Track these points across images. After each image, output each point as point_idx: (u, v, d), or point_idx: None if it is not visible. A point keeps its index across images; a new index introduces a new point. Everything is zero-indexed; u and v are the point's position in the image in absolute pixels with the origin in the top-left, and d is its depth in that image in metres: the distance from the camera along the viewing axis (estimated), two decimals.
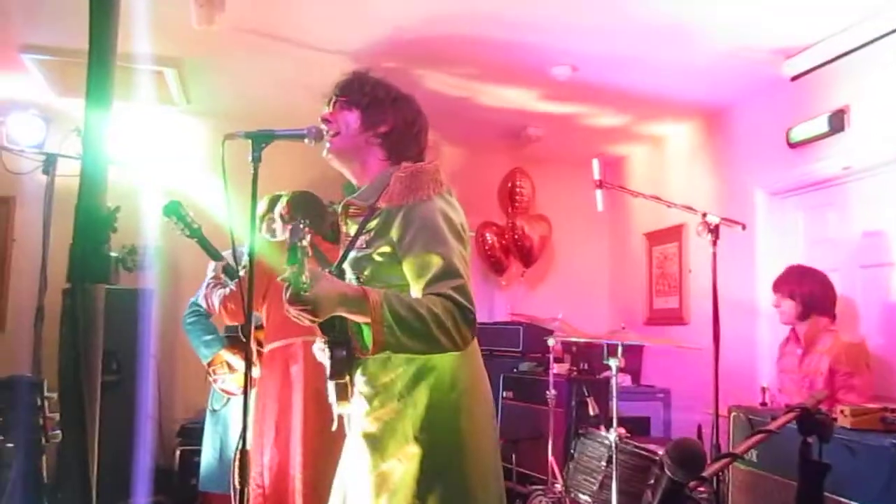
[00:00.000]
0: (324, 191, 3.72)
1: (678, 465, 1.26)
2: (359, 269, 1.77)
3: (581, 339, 3.78)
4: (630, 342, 3.28)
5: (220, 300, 3.05)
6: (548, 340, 4.26)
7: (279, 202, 3.31)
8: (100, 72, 1.08)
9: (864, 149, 3.77)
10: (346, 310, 1.59)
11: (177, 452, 4.85)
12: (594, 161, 3.54)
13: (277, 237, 3.20)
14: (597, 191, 3.53)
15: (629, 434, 3.41)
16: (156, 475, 4.53)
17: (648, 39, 3.91)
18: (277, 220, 3.23)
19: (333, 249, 2.69)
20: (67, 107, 4.76)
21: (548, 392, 4.36)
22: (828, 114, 3.92)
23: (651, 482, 3.17)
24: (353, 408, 1.80)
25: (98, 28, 1.08)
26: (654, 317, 5.87)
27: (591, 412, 4.03)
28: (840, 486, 2.33)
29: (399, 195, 1.71)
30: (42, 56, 4.20)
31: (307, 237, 1.52)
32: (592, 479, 3.40)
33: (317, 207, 3.26)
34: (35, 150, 4.02)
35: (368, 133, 1.85)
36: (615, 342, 3.32)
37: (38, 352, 3.51)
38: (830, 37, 3.78)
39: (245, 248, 2.64)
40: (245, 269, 2.46)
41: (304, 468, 2.84)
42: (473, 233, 5.51)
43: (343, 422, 1.85)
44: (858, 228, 3.94)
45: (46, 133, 4.08)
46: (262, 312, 3.11)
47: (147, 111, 4.83)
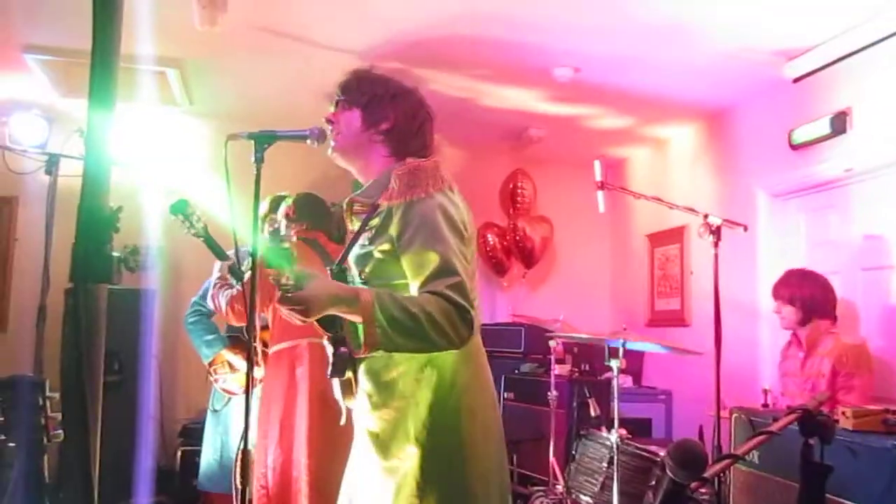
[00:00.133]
0: (326, 191, 3.73)
1: (679, 466, 1.26)
2: (361, 267, 1.77)
3: (584, 336, 3.76)
4: (632, 346, 3.27)
5: (228, 301, 3.05)
6: (549, 341, 4.27)
7: (282, 203, 3.32)
8: (103, 72, 1.08)
9: (866, 151, 3.77)
10: (339, 309, 1.59)
11: (178, 453, 4.86)
12: (596, 162, 3.53)
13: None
14: (598, 192, 3.52)
15: (630, 435, 3.41)
16: (157, 475, 4.54)
17: (650, 41, 3.91)
18: (282, 221, 3.25)
19: (340, 249, 2.71)
20: (70, 107, 4.77)
21: (549, 393, 4.36)
22: (830, 116, 3.91)
23: (652, 483, 3.17)
24: (358, 405, 1.80)
25: (101, 28, 1.08)
26: (656, 318, 5.87)
27: (593, 413, 4.03)
28: (842, 488, 2.32)
29: (398, 192, 1.71)
30: (45, 56, 4.21)
31: (290, 238, 1.52)
32: (594, 481, 3.40)
33: (321, 208, 3.29)
34: (38, 151, 4.03)
35: (370, 131, 1.85)
36: (616, 343, 3.32)
37: (40, 351, 3.51)
38: (832, 38, 3.77)
39: (248, 249, 2.65)
40: (249, 270, 2.46)
41: (309, 469, 2.84)
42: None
43: (352, 416, 1.85)
44: (860, 231, 3.94)
45: (49, 133, 4.09)
46: (269, 313, 3.12)
47: (150, 112, 4.84)
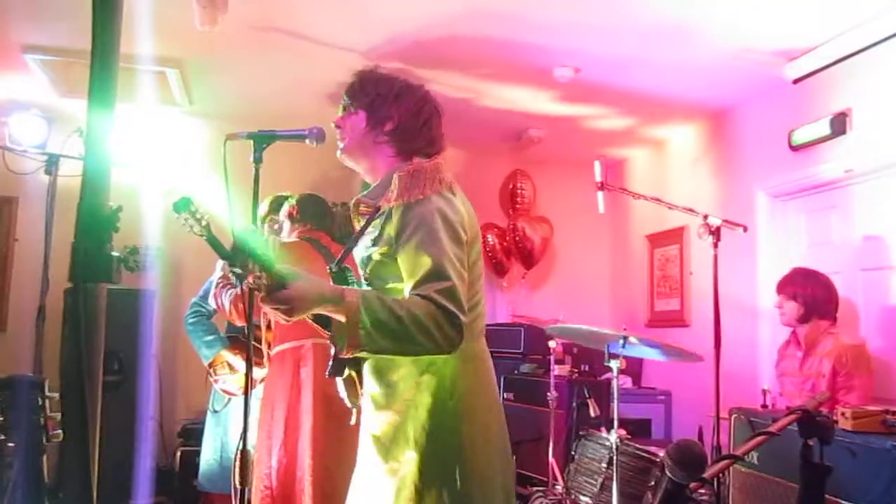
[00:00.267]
0: (326, 191, 3.74)
1: (679, 467, 1.26)
2: (364, 268, 1.78)
3: (587, 328, 3.74)
4: (631, 348, 3.26)
5: (231, 300, 3.04)
6: (549, 342, 4.27)
7: (283, 204, 3.33)
8: (102, 72, 1.08)
9: (866, 152, 3.77)
10: (325, 309, 1.59)
11: (178, 453, 4.85)
12: (596, 163, 3.54)
13: (284, 237, 3.22)
14: (598, 193, 3.52)
15: (630, 436, 3.41)
16: (157, 476, 4.54)
17: (650, 41, 3.91)
18: (285, 221, 3.26)
19: (342, 249, 2.72)
20: (70, 107, 4.76)
21: (549, 394, 4.36)
22: (829, 116, 3.91)
23: (652, 484, 3.17)
24: (363, 407, 1.80)
25: (101, 29, 1.08)
26: (656, 319, 5.87)
27: (592, 414, 4.03)
28: (841, 489, 2.33)
29: (398, 194, 1.71)
30: (45, 56, 4.21)
31: (268, 236, 1.51)
32: (593, 481, 3.40)
33: (324, 209, 3.31)
34: (37, 151, 4.03)
35: (375, 132, 1.84)
36: (616, 349, 3.31)
37: (40, 351, 3.51)
38: (832, 39, 3.77)
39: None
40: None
41: (313, 470, 2.84)
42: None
43: (359, 416, 1.85)
44: (860, 231, 3.94)
45: (49, 133, 4.09)
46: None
47: (149, 112, 4.84)
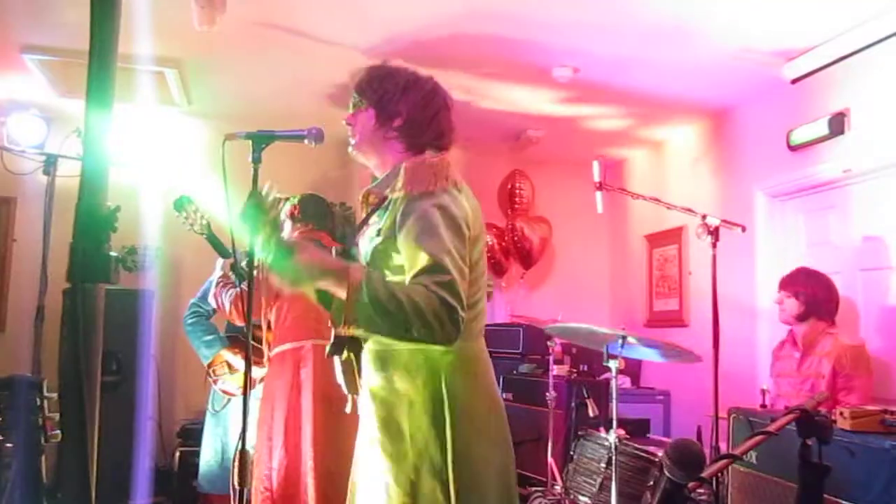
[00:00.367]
0: (325, 191, 3.73)
1: (677, 466, 1.26)
2: (366, 256, 1.79)
3: (582, 325, 3.74)
4: (629, 349, 3.26)
5: (231, 300, 3.04)
6: (548, 342, 4.27)
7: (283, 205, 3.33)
8: (100, 72, 1.08)
9: (864, 152, 3.77)
10: (328, 282, 1.58)
11: (176, 453, 4.85)
12: (594, 163, 3.54)
13: (286, 237, 3.22)
14: (597, 193, 3.53)
15: (629, 436, 3.41)
16: (155, 476, 4.53)
17: (648, 41, 3.91)
18: (286, 221, 3.25)
19: None
20: (69, 107, 4.76)
21: (547, 394, 4.36)
22: (828, 116, 3.92)
23: (651, 484, 3.17)
24: (361, 399, 1.81)
25: (99, 28, 1.08)
26: (654, 319, 5.87)
27: (591, 414, 4.03)
28: (840, 489, 2.33)
29: (403, 186, 1.73)
30: (43, 56, 4.21)
31: (276, 203, 1.49)
32: (592, 481, 3.40)
33: (325, 209, 3.33)
34: (36, 151, 4.03)
35: (384, 129, 1.86)
36: (615, 349, 3.31)
37: (38, 352, 3.51)
38: (831, 39, 3.78)
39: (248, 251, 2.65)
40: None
41: (316, 472, 2.84)
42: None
43: (355, 406, 1.85)
44: (858, 231, 3.94)
45: (47, 133, 4.09)
46: (273, 313, 3.11)
47: (148, 112, 4.83)
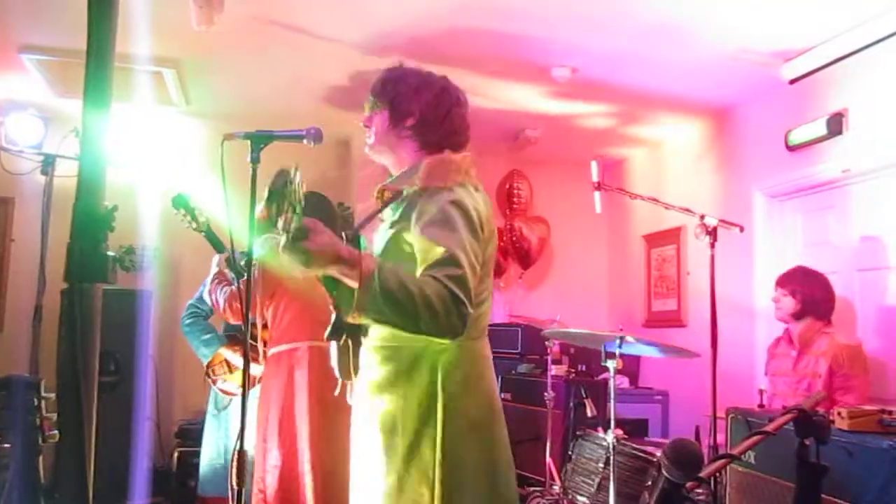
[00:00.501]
0: (324, 191, 3.72)
1: (675, 466, 1.26)
2: (382, 251, 1.81)
3: (582, 331, 3.74)
4: (628, 347, 3.26)
5: (226, 298, 3.02)
6: (546, 342, 4.27)
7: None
8: (98, 72, 1.08)
9: (863, 152, 3.78)
10: (340, 269, 1.57)
11: (175, 454, 4.85)
12: (593, 163, 3.53)
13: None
14: (595, 193, 3.53)
15: (627, 436, 3.41)
16: (153, 476, 4.53)
17: (647, 40, 3.91)
18: None
19: None
20: (67, 107, 4.75)
21: (546, 394, 4.36)
22: (826, 117, 3.92)
23: (649, 484, 3.17)
24: (358, 390, 1.82)
25: (96, 28, 1.08)
26: (653, 319, 5.87)
27: (589, 414, 4.03)
28: (838, 488, 2.33)
29: (422, 180, 1.76)
30: (41, 56, 4.20)
31: (299, 183, 1.46)
32: (590, 481, 3.40)
33: (327, 207, 3.32)
34: (34, 151, 4.02)
35: (398, 129, 1.89)
36: (613, 347, 3.31)
37: (36, 352, 3.51)
38: (829, 40, 3.78)
39: (246, 251, 2.64)
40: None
41: (314, 474, 2.84)
42: None
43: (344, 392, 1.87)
44: (857, 232, 3.95)
45: (45, 133, 4.08)
46: (269, 313, 3.11)
47: (146, 112, 4.83)
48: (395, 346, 1.75)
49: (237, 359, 3.57)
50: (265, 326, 3.16)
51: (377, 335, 1.78)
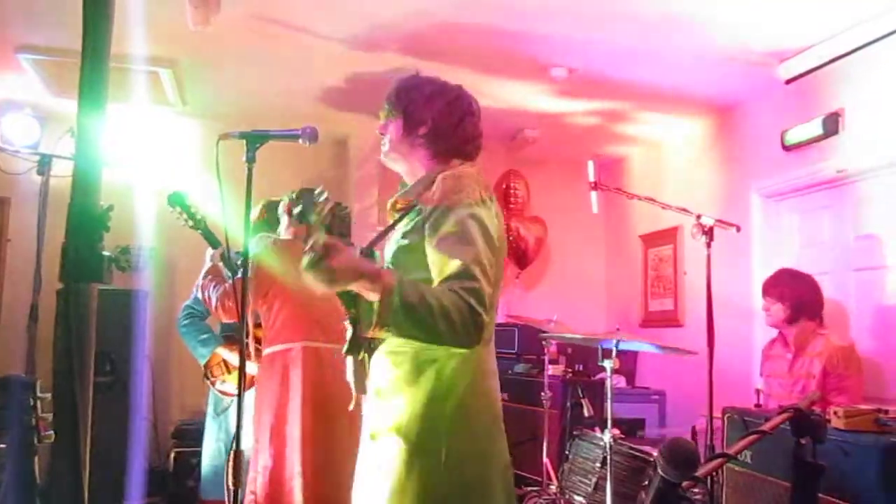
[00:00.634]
0: None
1: (671, 465, 1.26)
2: (392, 259, 1.82)
3: (577, 336, 3.75)
4: (625, 345, 3.27)
5: (218, 297, 3.01)
6: (543, 342, 4.27)
7: (277, 208, 3.30)
8: (94, 72, 1.08)
9: (859, 152, 3.79)
10: (361, 285, 1.58)
11: (171, 454, 4.84)
12: (589, 163, 3.53)
13: (281, 235, 3.20)
14: (592, 193, 3.53)
15: (624, 435, 3.41)
16: (150, 477, 4.52)
17: (645, 40, 3.91)
18: (283, 217, 3.23)
19: None
20: (63, 107, 4.74)
21: (543, 393, 4.36)
22: (822, 117, 3.93)
23: (646, 483, 3.17)
24: (367, 398, 1.83)
25: (92, 28, 1.08)
26: (650, 319, 5.88)
27: (586, 413, 4.04)
28: (834, 488, 2.33)
29: (440, 195, 1.75)
30: (38, 56, 4.19)
31: (327, 203, 1.47)
32: (587, 481, 3.40)
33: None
34: (30, 151, 4.02)
35: (411, 136, 1.91)
36: (610, 344, 3.32)
37: (32, 352, 3.50)
38: (825, 40, 3.79)
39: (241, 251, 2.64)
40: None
41: (304, 476, 2.83)
42: None
43: (359, 407, 1.87)
44: (852, 231, 3.95)
45: (41, 133, 4.08)
46: (262, 312, 3.10)
47: (142, 112, 4.82)
48: (404, 352, 1.76)
49: (235, 358, 3.57)
50: (258, 325, 3.16)
51: (390, 342, 1.79)
